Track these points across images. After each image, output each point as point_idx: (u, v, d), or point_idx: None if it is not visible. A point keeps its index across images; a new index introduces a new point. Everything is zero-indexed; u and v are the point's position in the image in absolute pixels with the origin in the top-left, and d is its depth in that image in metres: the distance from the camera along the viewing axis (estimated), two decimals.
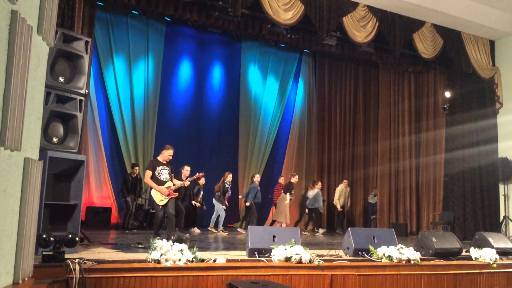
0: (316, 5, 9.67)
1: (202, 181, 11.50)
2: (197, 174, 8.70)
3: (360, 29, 10.23)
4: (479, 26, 11.30)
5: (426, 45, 10.96)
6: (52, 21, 3.64)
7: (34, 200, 3.41)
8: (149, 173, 7.25)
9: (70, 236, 4.61)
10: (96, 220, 11.30)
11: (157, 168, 7.29)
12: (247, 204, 11.57)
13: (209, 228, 11.19)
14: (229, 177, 11.56)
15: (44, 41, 3.55)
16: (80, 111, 5.70)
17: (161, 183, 7.21)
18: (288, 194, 11.30)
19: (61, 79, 5.54)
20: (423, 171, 12.96)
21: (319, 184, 12.64)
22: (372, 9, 10.35)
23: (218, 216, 11.23)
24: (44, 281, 4.13)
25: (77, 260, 4.36)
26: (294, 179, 11.63)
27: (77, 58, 5.75)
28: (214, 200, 11.36)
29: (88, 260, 4.52)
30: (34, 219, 3.47)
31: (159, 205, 7.20)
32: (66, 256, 4.49)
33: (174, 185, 7.42)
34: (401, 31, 10.66)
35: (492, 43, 12.23)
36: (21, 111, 3.03)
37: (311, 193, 12.42)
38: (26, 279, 3.33)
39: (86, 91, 5.92)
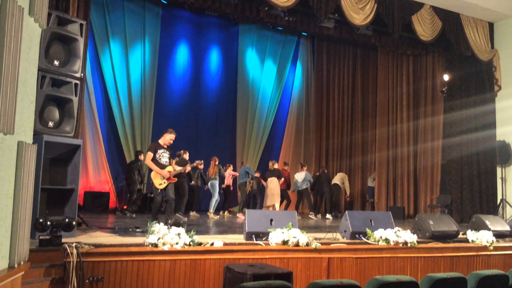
0: None
1: (201, 167, 11.50)
2: (197, 162, 8.71)
3: (358, 11, 10.10)
4: (478, 8, 11.18)
5: (424, 28, 10.85)
6: (44, 3, 3.57)
7: (28, 184, 3.39)
8: (150, 154, 7.20)
9: (67, 220, 4.59)
10: (94, 204, 11.31)
11: (158, 151, 7.24)
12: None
13: (208, 213, 11.21)
14: (216, 161, 11.67)
15: (36, 22, 3.49)
16: (76, 95, 5.64)
17: (161, 166, 7.18)
18: (274, 177, 11.43)
19: (56, 62, 5.47)
20: (421, 157, 12.94)
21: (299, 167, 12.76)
22: None
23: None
24: (41, 265, 4.13)
25: (74, 244, 4.35)
26: (270, 164, 12.03)
27: (72, 41, 5.67)
28: (210, 183, 11.40)
29: (85, 244, 4.51)
30: (29, 203, 3.45)
31: (158, 189, 7.18)
32: (64, 240, 4.48)
33: (174, 170, 7.39)
34: (399, 13, 10.54)
35: (491, 26, 12.10)
36: (13, 94, 2.99)
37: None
38: (22, 263, 3.32)
39: (82, 74, 5.85)
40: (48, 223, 4.39)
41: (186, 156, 10.32)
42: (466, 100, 12.06)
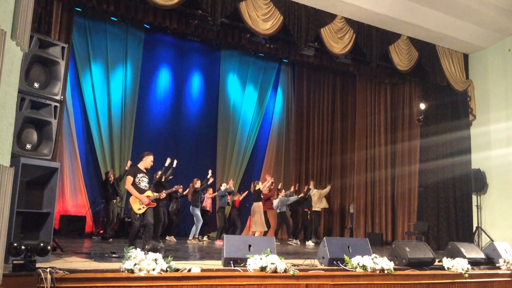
0: (294, 16, 9.77)
1: (180, 190, 11.43)
2: (175, 187, 8.67)
3: (337, 40, 10.35)
4: (453, 39, 11.55)
5: (401, 58, 11.15)
6: (27, 27, 3.60)
7: (4, 207, 3.35)
8: (130, 179, 7.10)
9: (42, 244, 4.51)
10: (70, 228, 11.12)
11: (138, 175, 7.16)
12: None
13: (188, 240, 11.07)
14: (197, 183, 11.50)
15: (18, 46, 3.51)
16: (55, 118, 5.61)
17: (140, 191, 7.10)
18: (259, 203, 11.37)
19: (36, 85, 5.46)
20: (398, 182, 13.09)
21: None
22: (349, 21, 10.49)
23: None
24: None
25: (48, 269, 4.26)
26: (259, 186, 11.71)
27: (53, 63, 5.67)
28: (191, 209, 11.31)
29: (60, 269, 4.42)
30: (4, 227, 3.41)
31: (137, 214, 7.08)
32: (38, 265, 4.39)
33: (152, 195, 7.31)
34: (377, 43, 10.82)
35: (466, 57, 12.49)
36: None
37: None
38: None
39: (62, 97, 5.83)
40: (23, 247, 4.31)
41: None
42: (442, 127, 12.32)
